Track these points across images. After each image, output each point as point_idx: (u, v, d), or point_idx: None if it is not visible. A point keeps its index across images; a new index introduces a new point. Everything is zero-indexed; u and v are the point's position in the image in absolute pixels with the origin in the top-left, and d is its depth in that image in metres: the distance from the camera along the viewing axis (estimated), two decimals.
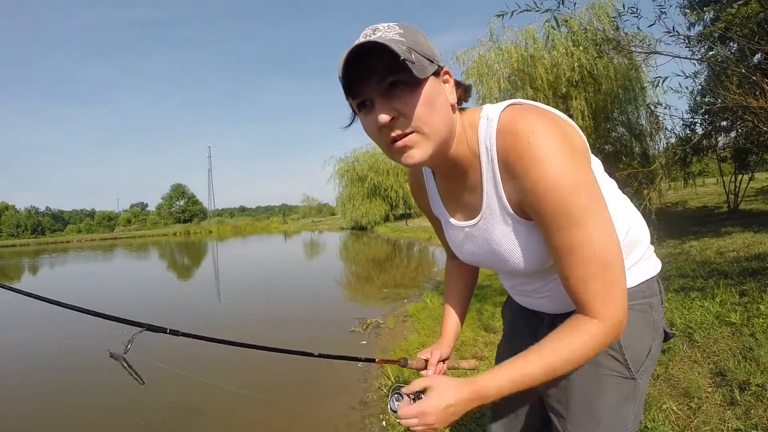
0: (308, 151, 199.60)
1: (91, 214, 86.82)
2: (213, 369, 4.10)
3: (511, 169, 0.69)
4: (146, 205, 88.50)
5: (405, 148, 0.68)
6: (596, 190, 0.68)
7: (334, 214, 43.08)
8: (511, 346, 1.06)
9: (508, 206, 0.74)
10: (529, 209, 0.70)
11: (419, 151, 0.69)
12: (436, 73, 0.69)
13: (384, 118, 0.65)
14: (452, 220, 0.88)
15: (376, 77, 0.65)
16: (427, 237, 16.26)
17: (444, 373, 1.10)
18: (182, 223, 65.21)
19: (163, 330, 0.81)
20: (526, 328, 1.01)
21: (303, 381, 3.57)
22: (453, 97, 0.73)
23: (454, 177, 0.81)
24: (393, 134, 0.67)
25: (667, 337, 0.92)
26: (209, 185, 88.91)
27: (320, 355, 1.05)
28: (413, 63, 0.63)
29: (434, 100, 0.68)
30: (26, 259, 24.32)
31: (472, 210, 0.82)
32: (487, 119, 0.73)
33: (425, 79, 0.66)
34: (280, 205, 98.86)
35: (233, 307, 7.04)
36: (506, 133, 0.69)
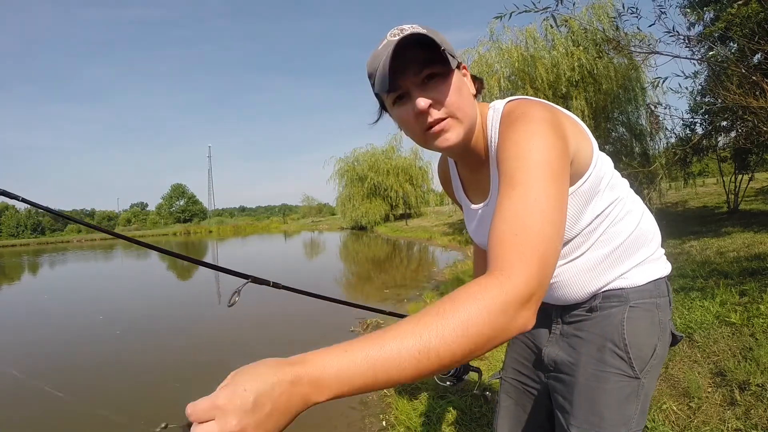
0: (308, 151, 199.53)
1: (91, 214, 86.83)
2: (216, 369, 4.10)
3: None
4: (146, 205, 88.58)
5: (441, 132, 0.75)
6: (554, 173, 0.64)
7: (334, 214, 43.07)
8: (520, 340, 1.08)
9: None
10: (497, 160, 0.73)
11: (454, 133, 0.75)
12: (458, 67, 0.77)
13: (423, 103, 0.71)
14: (470, 204, 0.95)
15: (411, 71, 0.71)
16: (427, 237, 16.26)
17: None
18: (182, 223, 65.20)
19: (266, 282, 0.93)
20: (536, 324, 1.02)
21: None
22: (472, 89, 0.81)
23: (471, 164, 0.88)
24: (430, 120, 0.73)
25: (675, 340, 0.92)
26: (209, 185, 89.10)
27: (390, 313, 1.32)
28: (447, 54, 0.70)
29: (461, 89, 0.76)
30: (27, 257, 24.33)
31: (484, 193, 0.88)
32: (494, 110, 0.81)
33: (453, 71, 0.74)
34: (280, 205, 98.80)
35: (233, 306, 7.04)
36: (505, 117, 0.76)
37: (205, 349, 4.69)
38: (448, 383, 1.17)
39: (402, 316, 1.14)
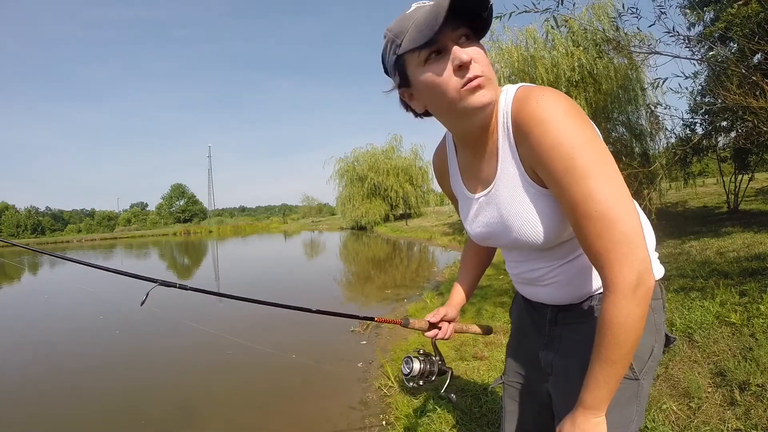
0: (308, 151, 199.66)
1: (91, 214, 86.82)
2: (215, 370, 4.10)
3: (521, 131, 0.74)
4: (146, 205, 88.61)
5: (479, 88, 0.73)
6: (601, 150, 0.70)
7: (334, 214, 43.06)
8: (518, 344, 1.08)
9: (523, 169, 0.78)
10: (538, 168, 0.74)
11: (489, 93, 0.75)
12: None
13: (465, 57, 0.71)
14: (468, 194, 0.92)
15: (450, 26, 0.71)
16: (427, 237, 16.25)
17: (451, 335, 1.17)
18: (182, 223, 65.19)
19: (173, 285, 0.94)
20: (531, 324, 1.02)
21: (303, 381, 3.57)
22: None
23: (475, 147, 0.85)
24: (469, 75, 0.73)
25: (668, 341, 0.92)
26: (209, 185, 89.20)
27: (318, 311, 1.14)
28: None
29: (488, 59, 0.77)
30: (27, 257, 24.32)
31: (487, 180, 0.86)
32: (506, 92, 0.80)
33: (482, 37, 0.76)
34: (280, 205, 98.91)
35: (233, 307, 7.03)
36: (519, 99, 0.76)
37: (205, 349, 4.69)
38: (411, 384, 1.14)
39: (308, 310, 1.13)
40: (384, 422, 2.66)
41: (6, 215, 67.47)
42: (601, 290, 0.86)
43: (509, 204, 0.82)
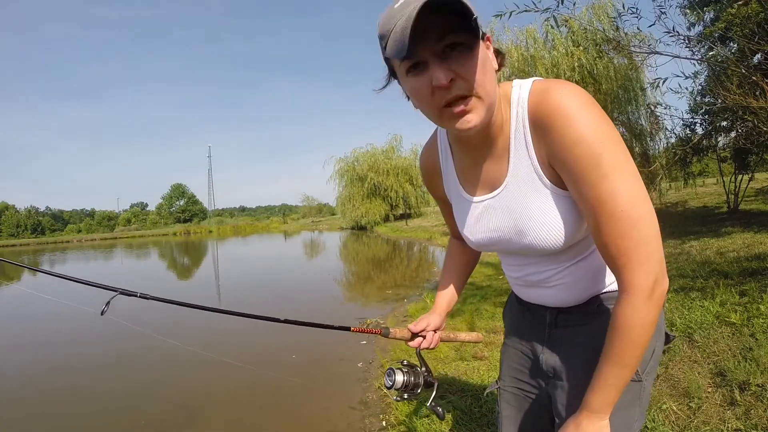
0: (308, 151, 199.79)
1: (91, 214, 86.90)
2: (215, 370, 4.09)
3: (541, 125, 0.70)
4: (146, 205, 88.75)
5: (463, 113, 0.66)
6: (623, 147, 0.67)
7: (334, 214, 43.09)
8: (514, 348, 1.05)
9: (539, 167, 0.73)
10: (558, 164, 0.70)
11: (476, 115, 0.67)
12: (482, 38, 0.67)
13: (443, 79, 0.62)
14: (467, 197, 0.86)
15: (432, 37, 0.62)
16: (427, 237, 16.25)
17: (437, 344, 1.11)
18: (182, 223, 65.26)
19: (134, 294, 0.95)
20: (528, 327, 1.00)
21: (302, 381, 3.57)
22: (495, 64, 0.72)
23: (479, 147, 0.79)
24: (449, 97, 0.65)
25: (668, 339, 0.91)
26: (209, 185, 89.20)
27: (286, 321, 1.10)
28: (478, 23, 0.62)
29: (486, 64, 0.67)
30: (26, 257, 24.33)
31: (494, 182, 0.80)
32: (520, 87, 0.74)
33: (479, 41, 0.65)
34: (280, 205, 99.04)
35: (233, 308, 7.03)
36: (538, 93, 0.71)
37: (205, 349, 4.69)
38: (396, 398, 1.10)
39: (276, 320, 1.11)
40: (384, 422, 2.66)
41: (6, 215, 67.47)
42: (605, 292, 0.86)
43: (523, 206, 0.77)
